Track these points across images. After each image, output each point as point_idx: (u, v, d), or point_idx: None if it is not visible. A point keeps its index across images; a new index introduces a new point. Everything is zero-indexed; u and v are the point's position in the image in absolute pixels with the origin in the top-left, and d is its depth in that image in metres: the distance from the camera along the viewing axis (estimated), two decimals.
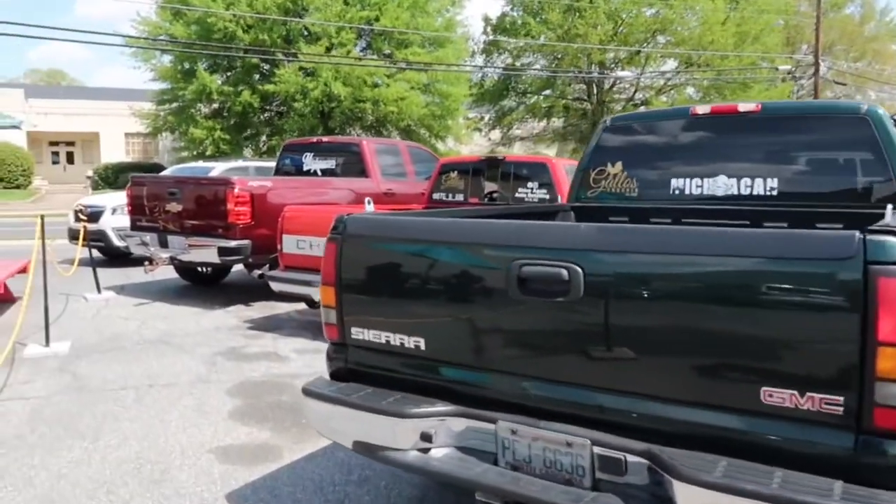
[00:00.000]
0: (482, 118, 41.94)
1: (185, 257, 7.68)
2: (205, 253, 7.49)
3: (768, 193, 3.80)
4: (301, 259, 6.29)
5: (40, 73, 73.54)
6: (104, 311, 7.36)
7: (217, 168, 11.89)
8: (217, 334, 6.33)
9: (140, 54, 28.39)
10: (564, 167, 7.43)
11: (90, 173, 32.61)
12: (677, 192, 4.06)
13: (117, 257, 10.98)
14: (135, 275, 9.88)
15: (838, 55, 45.84)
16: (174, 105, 29.69)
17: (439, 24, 32.69)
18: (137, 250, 8.22)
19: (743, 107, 3.90)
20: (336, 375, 2.76)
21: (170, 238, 7.84)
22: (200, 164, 13.03)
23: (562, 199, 7.05)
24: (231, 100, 27.92)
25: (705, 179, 3.98)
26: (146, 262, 7.70)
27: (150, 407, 4.40)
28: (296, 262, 6.34)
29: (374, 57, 29.77)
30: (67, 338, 6.09)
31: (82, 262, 8.57)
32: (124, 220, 10.56)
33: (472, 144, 39.63)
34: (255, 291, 8.56)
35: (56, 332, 6.11)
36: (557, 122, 43.44)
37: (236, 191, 7.27)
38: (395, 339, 2.53)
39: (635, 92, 39.90)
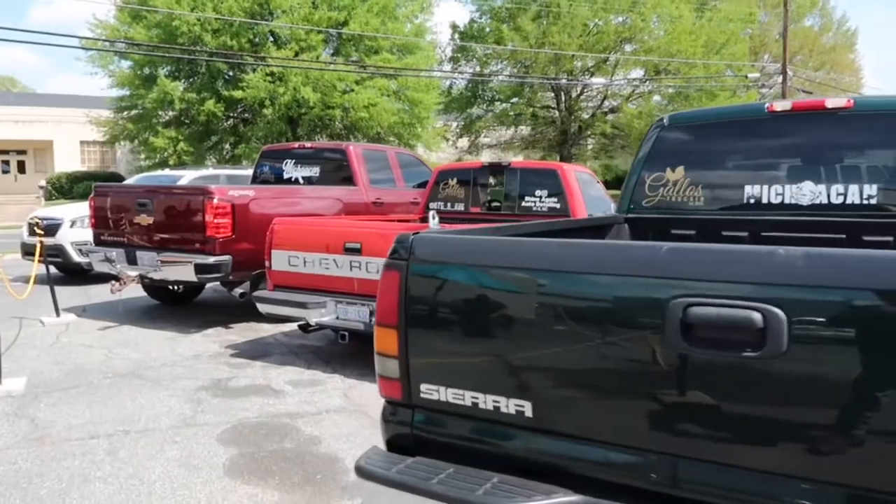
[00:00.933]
0: (449, 126, 41.53)
1: (157, 275, 6.89)
2: (179, 270, 6.71)
3: (865, 202, 3.26)
4: (293, 277, 5.58)
5: None
6: (64, 338, 6.53)
7: (186, 177, 11.05)
8: (197, 364, 5.57)
9: (97, 59, 27.17)
10: (575, 174, 6.87)
11: (43, 183, 31.05)
12: (752, 200, 3.49)
13: (76, 274, 10.06)
14: (97, 294, 9.01)
15: (798, 65, 46.62)
16: (133, 112, 28.52)
17: (408, 30, 32.19)
18: (101, 267, 7.38)
19: (832, 102, 3.36)
20: (396, 445, 2.10)
21: (139, 254, 7.04)
22: (167, 172, 12.16)
23: (573, 210, 6.49)
24: (195, 108, 26.86)
25: (787, 186, 3.42)
26: (113, 282, 6.88)
27: (126, 462, 3.66)
28: (287, 281, 5.63)
29: (343, 62, 29.01)
30: (22, 372, 5.27)
31: (38, 280, 7.69)
32: (84, 234, 9.71)
33: (440, 152, 39.12)
34: (233, 311, 7.80)
35: (8, 366, 5.30)
36: (525, 130, 43.24)
37: (215, 201, 6.53)
38: (487, 401, 1.88)
39: (604, 99, 39.97)
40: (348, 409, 4.49)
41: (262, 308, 5.66)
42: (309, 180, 8.64)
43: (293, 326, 6.70)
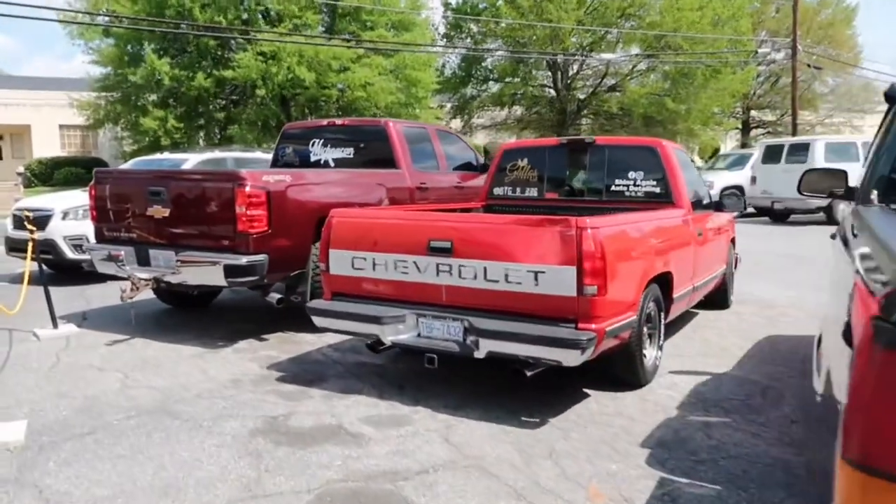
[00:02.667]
0: (443, 106, 40.30)
1: (176, 278, 5.73)
2: (204, 273, 5.56)
3: None
4: (359, 284, 4.46)
5: None
6: (66, 357, 5.37)
7: (190, 160, 9.83)
8: (241, 394, 4.45)
9: (80, 32, 25.55)
10: (676, 152, 5.79)
11: (21, 169, 29.39)
12: None
13: (70, 272, 8.87)
14: (96, 296, 7.82)
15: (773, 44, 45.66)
16: (118, 93, 26.97)
17: (404, 4, 30.87)
18: (105, 268, 6.21)
19: None
20: None
21: (152, 253, 5.88)
22: (167, 156, 10.91)
23: (677, 197, 5.41)
24: (185, 84, 25.37)
25: None
26: (123, 287, 5.70)
27: None
28: (350, 288, 4.50)
29: (341, 37, 27.61)
30: (19, 412, 4.13)
31: (29, 282, 6.49)
32: (79, 227, 8.56)
33: None
34: (261, 315, 6.69)
35: (1, 403, 4.17)
36: (519, 111, 42.13)
37: (248, 188, 5.37)
38: None
39: (604, 77, 38.83)
40: (460, 462, 3.40)
41: (321, 322, 4.53)
42: (341, 163, 7.48)
43: (341, 338, 5.61)
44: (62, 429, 3.89)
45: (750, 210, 17.43)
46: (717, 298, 6.72)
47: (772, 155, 16.99)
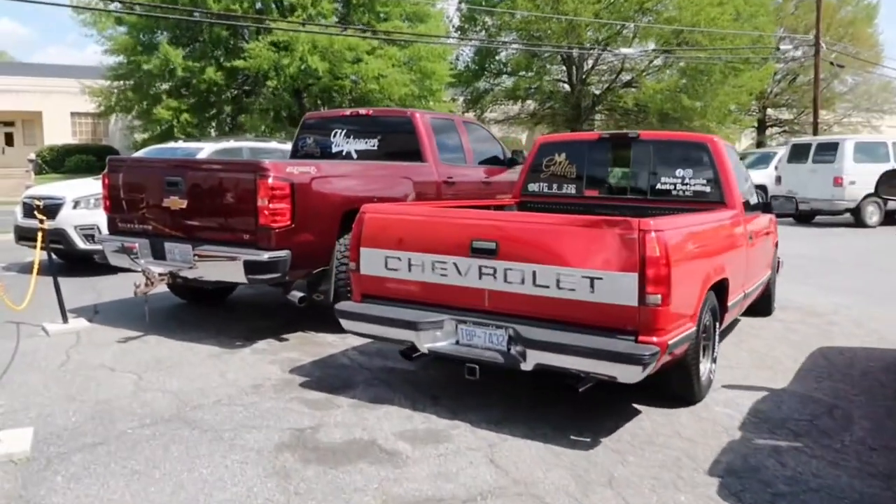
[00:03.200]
0: (455, 100, 39.93)
1: (193, 273, 5.41)
2: (223, 269, 5.24)
3: None
4: (392, 286, 4.12)
5: None
6: (76, 355, 5.06)
7: (205, 149, 9.52)
8: (263, 401, 4.13)
9: (93, 21, 25.32)
10: (727, 149, 5.42)
11: (32, 156, 29.23)
12: None
13: (80, 263, 8.58)
14: (108, 289, 7.53)
15: (803, 41, 44.99)
16: (131, 81, 26.74)
17: None
18: (118, 261, 5.89)
19: None
20: None
21: (168, 246, 5.56)
22: (181, 144, 10.59)
23: (729, 197, 5.05)
24: (196, 76, 25.09)
25: None
26: (137, 282, 5.38)
27: None
28: (383, 290, 4.17)
29: (356, 27, 27.23)
30: (26, 417, 3.83)
31: (39, 272, 6.19)
32: (91, 216, 8.27)
33: None
34: (279, 312, 6.38)
35: (6, 404, 3.87)
36: (533, 105, 41.72)
37: (271, 180, 5.04)
38: None
39: (619, 72, 38.31)
40: (510, 489, 3.07)
41: (350, 326, 4.20)
42: (364, 155, 7.15)
43: (366, 340, 5.27)
44: (71, 437, 3.57)
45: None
46: (761, 305, 6.35)
47: (798, 154, 16.54)
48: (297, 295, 5.39)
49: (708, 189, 5.18)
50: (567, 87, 39.69)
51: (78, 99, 31.20)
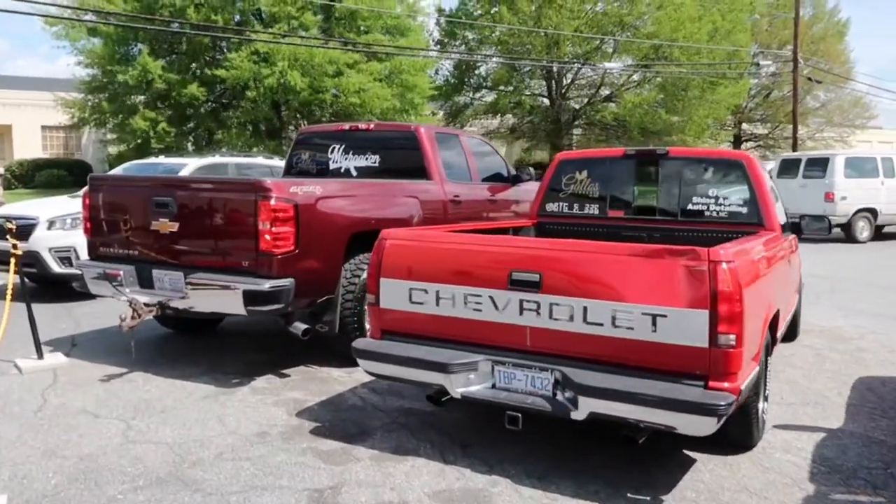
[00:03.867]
0: (435, 114, 39.72)
1: (184, 304, 4.90)
2: (219, 299, 4.75)
3: None
4: (417, 321, 3.68)
5: None
6: (54, 398, 4.53)
7: (189, 165, 9.01)
8: (271, 455, 3.64)
9: (65, 32, 24.61)
10: (762, 167, 5.08)
11: (1, 171, 28.26)
12: None
13: (54, 286, 8.00)
14: (85, 316, 6.97)
15: (788, 56, 45.66)
16: (105, 94, 26.00)
17: (400, 10, 30.21)
18: (100, 289, 5.36)
19: None
20: None
21: (156, 273, 5.06)
22: (163, 160, 10.04)
23: (767, 219, 4.71)
24: (175, 88, 24.48)
25: None
26: (123, 317, 4.85)
27: None
28: (406, 326, 3.72)
29: (337, 40, 26.81)
30: None
31: (13, 297, 5.62)
32: (67, 237, 7.72)
33: None
34: (274, 342, 5.89)
35: None
36: (512, 120, 41.72)
37: (273, 201, 4.57)
38: None
39: (599, 87, 38.40)
40: None
41: (371, 367, 3.74)
42: (364, 172, 6.71)
43: (377, 380, 4.83)
44: None
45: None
46: (788, 329, 6.01)
47: (788, 169, 16.42)
48: (300, 327, 4.91)
49: (744, 210, 4.83)
50: (547, 101, 39.72)
51: (49, 112, 30.32)
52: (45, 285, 8.18)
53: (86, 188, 5.60)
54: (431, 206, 6.19)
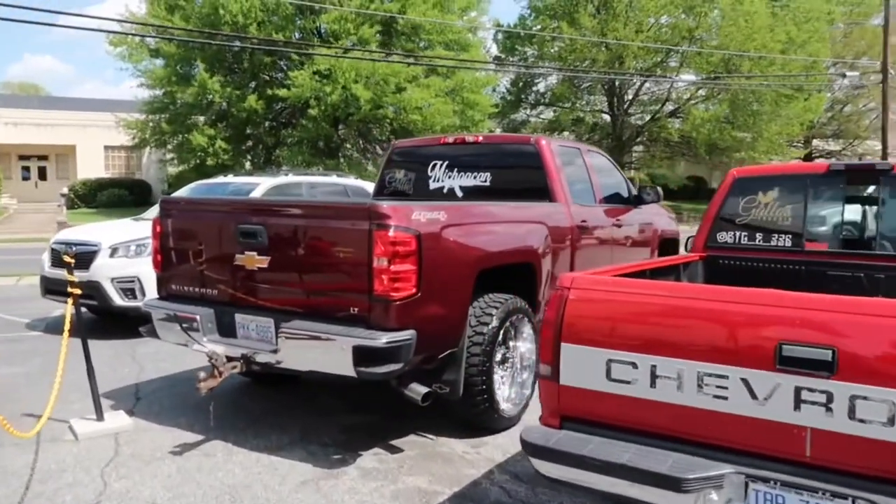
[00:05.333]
0: (492, 131, 38.85)
1: (275, 359, 3.91)
2: (320, 355, 3.73)
3: None
4: (618, 407, 2.57)
5: (12, 87, 68.43)
6: (116, 483, 3.56)
7: (261, 185, 8.15)
8: None
9: (129, 54, 24.62)
10: None
11: (65, 190, 28.44)
12: None
13: (115, 319, 7.20)
14: (146, 354, 6.10)
15: (867, 68, 43.42)
16: (166, 114, 25.94)
17: (461, 24, 29.48)
18: (169, 335, 4.42)
19: None
20: None
21: (240, 319, 4.10)
22: (230, 179, 9.24)
23: None
24: (235, 105, 24.20)
25: None
26: (201, 378, 3.88)
27: None
28: (600, 413, 2.62)
29: (398, 52, 26.16)
30: None
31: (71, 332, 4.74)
32: (130, 267, 6.90)
33: None
34: (370, 395, 4.81)
35: None
36: (571, 137, 40.57)
37: (392, 231, 3.56)
38: None
39: (664, 103, 36.97)
40: None
41: (556, 472, 2.62)
42: (471, 192, 5.69)
43: (509, 449, 3.76)
44: None
45: None
46: None
47: None
48: (419, 391, 3.85)
49: None
50: (608, 117, 38.49)
51: (111, 132, 30.54)
52: (103, 316, 7.40)
53: (153, 211, 4.71)
54: (558, 234, 5.11)
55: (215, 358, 3.87)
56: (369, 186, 10.29)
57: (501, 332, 4.24)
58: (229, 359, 3.96)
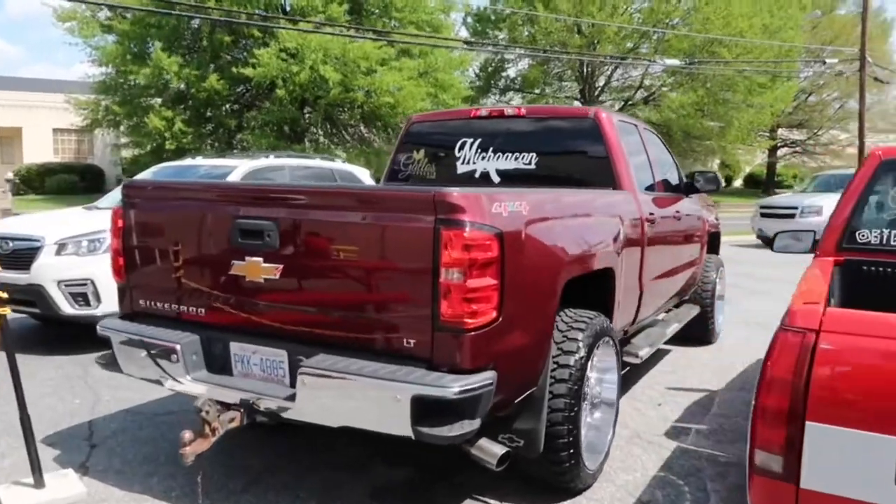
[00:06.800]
0: None
1: (291, 408, 2.77)
2: (362, 406, 2.61)
3: None
4: None
5: None
6: None
7: (239, 168, 6.95)
8: None
9: (79, 28, 22.78)
10: None
11: (10, 175, 26.34)
12: None
13: (61, 328, 5.96)
14: (103, 378, 4.86)
15: (836, 55, 43.56)
16: (118, 95, 24.12)
17: (433, 3, 28.25)
18: (136, 368, 3.22)
19: None
20: None
21: (237, 349, 2.96)
22: (199, 161, 7.94)
23: None
24: (195, 86, 22.59)
25: None
26: (186, 440, 2.74)
27: None
28: None
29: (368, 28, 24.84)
30: None
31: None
32: (81, 267, 5.63)
33: None
34: (398, 440, 3.70)
35: None
36: None
37: (468, 228, 2.46)
38: None
39: (638, 89, 36.44)
40: None
41: None
42: (511, 177, 4.61)
43: None
44: None
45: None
46: None
47: None
48: (493, 451, 2.77)
49: None
50: (579, 104, 37.77)
51: (61, 114, 28.53)
52: (48, 324, 6.15)
53: (108, 198, 3.51)
54: (632, 231, 4.07)
55: (206, 409, 2.73)
56: (359, 171, 9.13)
57: (589, 363, 3.19)
58: (223, 406, 2.83)
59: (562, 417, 3.01)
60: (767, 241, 16.28)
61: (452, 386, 2.45)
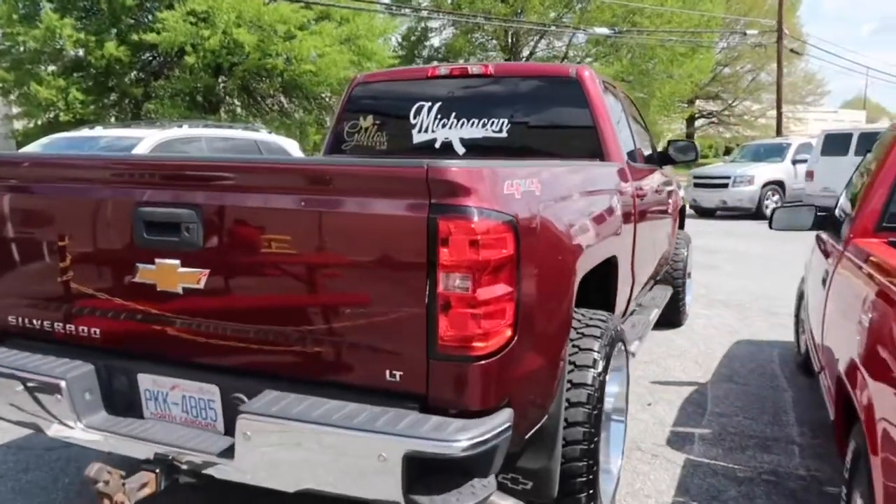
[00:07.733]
0: None
1: (230, 467, 2.02)
2: (331, 465, 1.89)
3: None
4: None
5: None
6: None
7: (147, 139, 5.96)
8: None
9: None
10: None
11: None
12: None
13: None
14: None
15: (750, 26, 44.77)
16: (7, 61, 21.84)
17: None
18: (13, 412, 2.39)
19: None
20: None
21: (149, 383, 2.17)
22: (98, 131, 6.85)
23: None
24: (93, 52, 20.68)
25: None
26: None
27: None
28: None
29: None
30: None
31: None
32: None
33: None
34: None
35: None
36: None
37: (476, 217, 1.77)
38: None
39: (563, 59, 36.34)
40: None
41: None
42: (476, 148, 3.92)
43: None
44: None
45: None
46: None
47: (835, 146, 14.37)
48: None
49: None
50: None
51: None
52: None
53: None
54: (625, 208, 3.46)
55: (102, 478, 1.93)
56: (287, 142, 8.21)
57: (607, 377, 2.56)
58: (131, 469, 2.04)
59: (580, 451, 2.37)
60: (702, 212, 16.40)
61: (459, 438, 1.75)
